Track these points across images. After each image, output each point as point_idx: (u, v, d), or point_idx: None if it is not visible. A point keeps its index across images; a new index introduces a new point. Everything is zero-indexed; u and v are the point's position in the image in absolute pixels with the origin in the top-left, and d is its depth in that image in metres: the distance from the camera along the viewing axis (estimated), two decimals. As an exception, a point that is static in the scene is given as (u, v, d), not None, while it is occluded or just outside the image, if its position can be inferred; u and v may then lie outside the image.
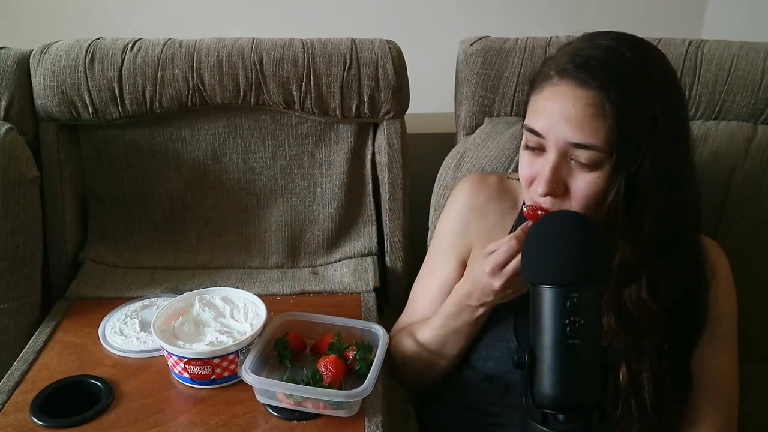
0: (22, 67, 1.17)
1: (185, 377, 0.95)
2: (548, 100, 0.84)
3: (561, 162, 0.83)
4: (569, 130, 0.81)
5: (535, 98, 0.87)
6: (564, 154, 0.83)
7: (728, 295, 0.95)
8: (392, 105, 1.21)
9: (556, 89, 0.83)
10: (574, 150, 0.82)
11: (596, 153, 0.81)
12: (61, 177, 1.21)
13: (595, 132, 0.80)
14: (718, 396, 0.92)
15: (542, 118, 0.84)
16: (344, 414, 0.90)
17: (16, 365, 0.99)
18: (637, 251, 0.85)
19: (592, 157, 0.81)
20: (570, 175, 0.84)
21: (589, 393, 0.67)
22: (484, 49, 1.20)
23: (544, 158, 0.85)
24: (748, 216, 1.15)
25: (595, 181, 0.83)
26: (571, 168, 0.83)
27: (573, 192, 0.84)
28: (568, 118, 0.81)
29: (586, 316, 0.66)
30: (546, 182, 0.83)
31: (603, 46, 0.84)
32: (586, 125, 0.80)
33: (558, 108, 0.82)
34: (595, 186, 0.83)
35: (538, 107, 0.85)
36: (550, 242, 0.72)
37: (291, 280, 1.22)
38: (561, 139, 0.82)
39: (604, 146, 0.80)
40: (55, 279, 1.22)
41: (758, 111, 1.16)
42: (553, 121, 0.82)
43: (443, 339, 0.98)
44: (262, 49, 1.18)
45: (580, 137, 0.81)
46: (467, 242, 1.03)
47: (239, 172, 1.26)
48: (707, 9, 1.90)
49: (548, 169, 0.83)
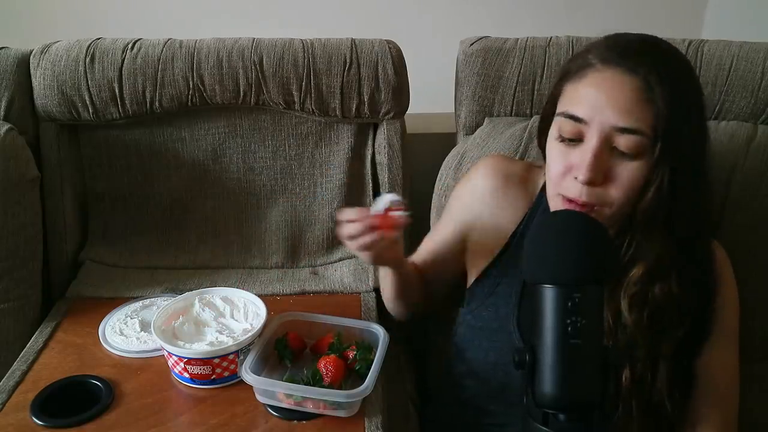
0: (22, 67, 1.17)
1: (185, 377, 0.95)
2: (592, 86, 0.82)
3: (603, 148, 0.81)
4: (616, 114, 0.80)
5: (574, 86, 0.85)
6: (607, 140, 0.81)
7: (732, 297, 0.95)
8: (392, 105, 1.21)
9: (601, 75, 0.82)
10: (618, 136, 0.80)
11: (641, 138, 0.80)
12: (61, 177, 1.21)
13: (642, 117, 0.79)
14: (718, 396, 0.92)
15: (585, 103, 0.82)
16: (344, 414, 0.90)
17: (17, 365, 0.99)
18: (672, 248, 0.84)
19: (637, 144, 0.80)
20: (611, 164, 0.82)
21: (590, 393, 0.67)
22: (484, 49, 1.20)
23: (582, 147, 0.83)
24: (748, 216, 1.14)
25: (638, 170, 0.81)
26: (613, 156, 0.82)
27: (614, 181, 0.82)
28: (616, 102, 0.80)
29: (588, 315, 0.66)
30: (588, 168, 0.81)
31: (636, 37, 0.84)
32: (634, 110, 0.79)
33: (605, 93, 0.81)
34: (638, 175, 0.81)
35: (580, 94, 0.84)
36: (551, 241, 0.71)
37: (291, 280, 1.22)
38: (607, 124, 0.80)
39: (649, 132, 0.79)
40: (55, 279, 1.22)
41: (758, 111, 1.16)
42: (599, 106, 0.81)
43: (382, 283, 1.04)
44: (262, 49, 1.18)
45: (626, 121, 0.79)
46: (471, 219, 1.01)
47: (239, 172, 1.26)
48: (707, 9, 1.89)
49: (590, 154, 0.81)
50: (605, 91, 0.81)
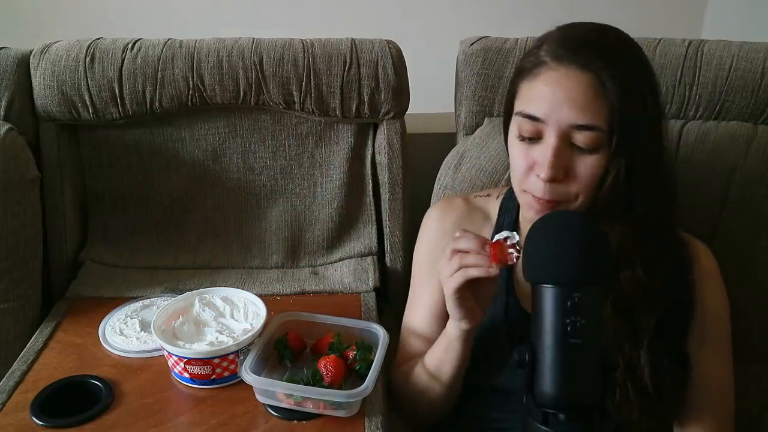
0: (22, 67, 1.17)
1: (185, 377, 0.95)
2: (547, 85, 0.83)
3: (562, 146, 0.82)
4: (572, 112, 0.81)
5: (530, 84, 0.86)
6: (565, 137, 0.82)
7: (717, 294, 0.95)
8: (392, 105, 1.21)
9: (555, 73, 0.83)
10: (576, 132, 0.82)
11: (598, 134, 0.81)
12: (61, 177, 1.21)
13: (597, 112, 0.81)
14: (711, 396, 0.92)
15: (541, 103, 0.83)
16: (344, 414, 0.90)
17: (17, 365, 0.99)
18: (633, 233, 0.85)
19: (594, 139, 0.81)
20: (571, 160, 0.83)
21: (590, 392, 0.67)
22: (484, 49, 1.20)
23: (542, 145, 0.84)
24: (747, 216, 1.14)
25: (596, 163, 0.83)
26: (572, 152, 0.83)
27: (575, 176, 0.84)
28: (571, 101, 0.81)
29: (588, 315, 0.66)
30: (549, 166, 0.82)
31: (589, 28, 0.86)
32: (588, 106, 0.81)
33: (560, 91, 0.82)
34: (597, 168, 0.83)
35: (535, 93, 0.85)
36: (551, 241, 0.71)
37: (291, 280, 1.22)
38: (564, 122, 0.82)
39: (605, 126, 0.81)
40: (55, 279, 1.22)
41: (758, 111, 1.15)
42: (555, 104, 0.82)
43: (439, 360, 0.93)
44: (262, 49, 1.18)
45: (583, 118, 0.81)
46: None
47: (239, 172, 1.26)
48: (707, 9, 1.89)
49: (550, 152, 0.82)
50: (560, 89, 0.82)
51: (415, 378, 0.97)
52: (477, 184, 1.16)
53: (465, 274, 0.82)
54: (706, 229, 1.14)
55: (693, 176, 1.14)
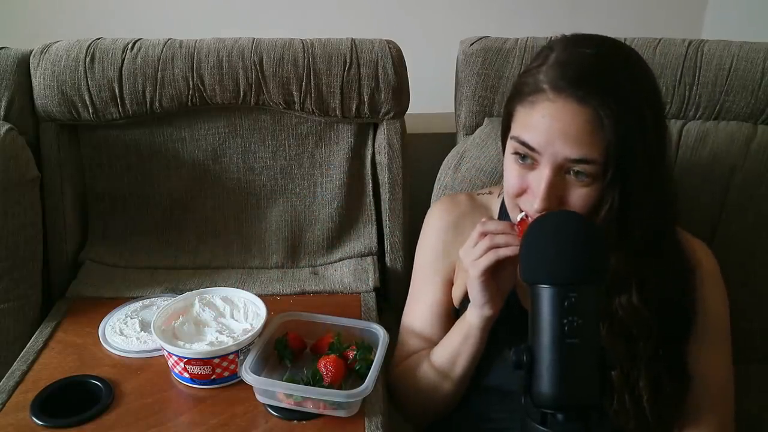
0: (22, 67, 1.17)
1: (185, 377, 0.95)
2: (543, 117, 0.82)
3: (556, 177, 0.82)
4: (568, 147, 0.80)
5: (527, 111, 0.84)
6: (560, 169, 0.82)
7: (717, 294, 0.95)
8: (392, 105, 1.21)
9: (553, 105, 0.81)
10: (571, 164, 0.81)
11: (593, 166, 0.81)
12: (61, 177, 1.21)
13: (593, 147, 0.80)
14: (710, 396, 0.92)
15: (538, 133, 0.82)
16: (344, 414, 0.90)
17: (16, 365, 0.99)
18: (628, 259, 0.85)
19: (589, 171, 0.81)
20: (565, 190, 0.83)
21: (588, 392, 0.67)
22: (484, 49, 1.20)
23: (537, 173, 0.84)
24: (747, 216, 1.14)
25: (590, 195, 0.83)
26: (566, 182, 0.83)
27: (568, 204, 0.83)
28: (566, 136, 0.80)
29: (585, 315, 0.66)
30: (542, 199, 0.82)
31: (590, 55, 0.83)
32: (585, 141, 0.80)
33: (556, 125, 0.81)
34: (590, 199, 0.83)
35: (532, 122, 0.83)
36: (548, 242, 0.72)
37: (291, 280, 1.22)
38: (559, 155, 0.81)
39: (600, 159, 0.80)
40: (55, 279, 1.22)
41: (758, 111, 1.15)
42: (551, 137, 0.81)
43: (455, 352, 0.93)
44: (262, 49, 1.18)
45: (578, 153, 0.80)
46: (449, 261, 1.02)
47: (239, 172, 1.26)
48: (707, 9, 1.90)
49: (544, 185, 0.82)
50: (557, 122, 0.81)
51: (421, 375, 0.97)
52: (477, 184, 1.16)
53: (496, 254, 0.83)
54: (706, 229, 1.14)
55: (693, 176, 1.14)
